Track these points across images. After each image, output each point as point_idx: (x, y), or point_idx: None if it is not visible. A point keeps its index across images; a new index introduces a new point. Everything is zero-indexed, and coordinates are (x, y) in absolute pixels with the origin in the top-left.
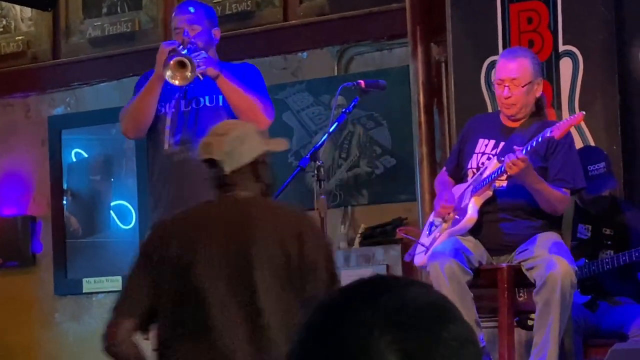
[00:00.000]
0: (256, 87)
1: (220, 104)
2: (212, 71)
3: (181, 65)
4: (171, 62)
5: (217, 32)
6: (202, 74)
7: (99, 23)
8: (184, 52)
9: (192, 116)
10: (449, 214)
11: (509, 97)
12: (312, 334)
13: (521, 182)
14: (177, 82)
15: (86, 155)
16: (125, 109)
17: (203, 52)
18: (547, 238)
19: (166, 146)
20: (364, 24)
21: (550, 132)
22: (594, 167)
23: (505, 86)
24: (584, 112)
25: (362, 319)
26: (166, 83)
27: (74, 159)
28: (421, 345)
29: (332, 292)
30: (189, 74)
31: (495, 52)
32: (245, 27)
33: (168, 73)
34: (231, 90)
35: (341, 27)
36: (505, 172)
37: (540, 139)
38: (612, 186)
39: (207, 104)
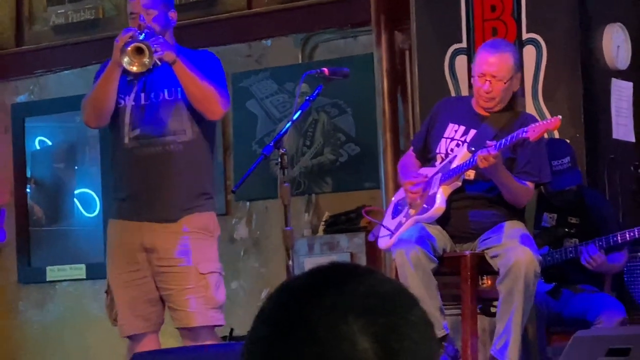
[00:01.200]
0: (214, 76)
1: (179, 96)
2: (169, 56)
3: (138, 51)
4: (128, 48)
5: (173, 15)
6: (159, 59)
7: (63, 11)
8: (142, 36)
9: (151, 110)
10: (418, 197)
11: (490, 91)
12: (282, 317)
13: (490, 175)
14: (134, 69)
15: (50, 143)
16: (85, 98)
17: (160, 37)
18: (511, 227)
19: (126, 140)
20: (328, 12)
21: (525, 133)
22: (559, 162)
23: (486, 80)
24: (560, 117)
25: (334, 304)
26: (125, 76)
27: (38, 147)
28: (392, 329)
29: (295, 276)
30: (147, 60)
31: (459, 41)
32: (210, 14)
33: (125, 60)
34: (187, 77)
35: (305, 14)
36: (475, 164)
37: (514, 139)
38: (577, 181)
39: (167, 97)
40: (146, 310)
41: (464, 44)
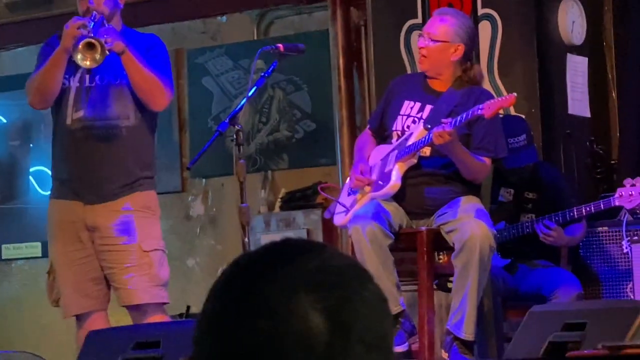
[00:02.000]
0: (159, 65)
1: (125, 82)
2: (118, 46)
3: (89, 46)
4: (79, 45)
5: None
6: (108, 49)
7: None
8: (91, 25)
9: (96, 92)
10: (363, 187)
11: (422, 47)
12: (233, 293)
13: (446, 152)
14: (87, 64)
15: (5, 121)
16: (30, 79)
17: (110, 27)
18: (467, 202)
19: (69, 121)
20: None
21: (480, 110)
22: (515, 139)
23: (423, 37)
24: (515, 94)
25: (285, 278)
26: (71, 56)
27: None
28: (344, 304)
29: (248, 252)
30: (99, 56)
31: (415, 16)
32: None
33: (79, 57)
34: (134, 68)
35: None
36: (431, 141)
37: (469, 116)
38: (533, 159)
39: (112, 81)
40: (91, 288)
41: (419, 20)
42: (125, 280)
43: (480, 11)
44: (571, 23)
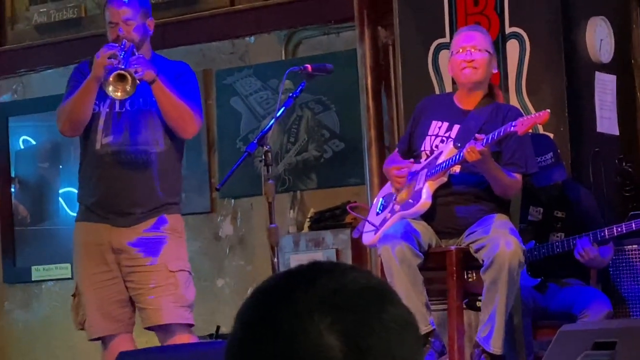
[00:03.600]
0: (189, 93)
1: (155, 107)
2: (148, 75)
3: (121, 78)
4: (110, 77)
5: (151, 23)
6: (139, 79)
7: (45, 9)
8: (122, 55)
9: (126, 118)
10: (402, 180)
11: (472, 60)
12: (252, 317)
13: (480, 169)
14: (119, 95)
15: (34, 143)
16: (61, 107)
17: (140, 56)
18: (496, 219)
19: (98, 146)
20: (311, 8)
21: (513, 127)
22: (542, 158)
23: (467, 50)
24: (548, 111)
25: (301, 301)
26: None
27: (22, 147)
28: (361, 327)
29: (271, 276)
30: (129, 87)
31: (442, 35)
32: (193, 12)
33: (110, 88)
34: (164, 97)
35: (288, 11)
36: (463, 159)
37: (502, 133)
38: (561, 177)
39: (142, 107)
40: (116, 311)
41: (447, 39)
42: (151, 300)
43: (508, 30)
44: (599, 41)
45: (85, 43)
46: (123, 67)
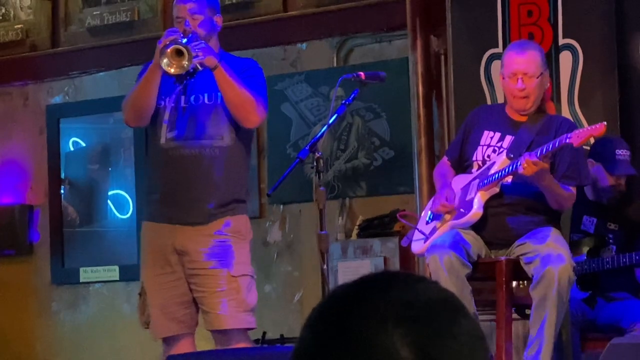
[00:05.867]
0: (254, 84)
1: (219, 101)
2: (210, 60)
3: (178, 53)
4: (168, 50)
5: (219, 20)
6: (200, 63)
7: (98, 12)
8: (184, 41)
9: (190, 112)
10: (447, 212)
11: (524, 89)
12: (324, 324)
13: (536, 181)
14: (172, 70)
15: (84, 145)
16: (126, 97)
17: (203, 42)
18: (547, 233)
19: (163, 140)
20: (364, 15)
21: (569, 138)
22: (622, 151)
23: (518, 78)
24: (605, 123)
25: (375, 311)
26: (168, 77)
27: (72, 148)
28: (434, 339)
29: (342, 284)
30: (186, 62)
31: (495, 45)
32: (245, 17)
33: (165, 61)
34: (226, 83)
35: (340, 18)
36: (516, 170)
37: (557, 144)
38: (634, 172)
39: (206, 101)
40: (179, 312)
41: (500, 49)
42: (214, 304)
43: (562, 41)
44: None
45: (138, 46)
46: (175, 42)
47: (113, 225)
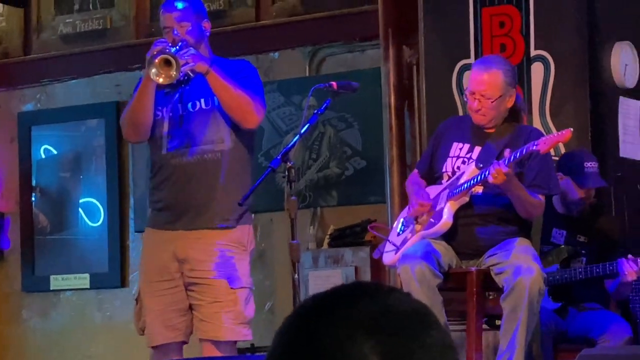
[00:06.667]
0: (249, 84)
1: (216, 105)
2: (201, 67)
3: (166, 63)
4: (156, 60)
5: (207, 25)
6: (191, 70)
7: (71, 20)
8: (173, 49)
9: (188, 120)
10: (424, 213)
11: (479, 109)
12: (295, 335)
13: (505, 190)
14: (161, 80)
15: (55, 152)
16: (123, 114)
17: (192, 49)
18: (519, 244)
19: (164, 151)
20: (336, 25)
21: (536, 146)
22: (590, 164)
23: (475, 99)
24: (571, 129)
25: (345, 322)
26: (163, 90)
27: (43, 156)
28: (404, 350)
29: (314, 295)
30: (174, 72)
31: (468, 56)
32: (218, 26)
33: (153, 71)
34: (221, 87)
35: (313, 27)
36: (485, 179)
37: (524, 152)
38: (604, 183)
39: (203, 106)
40: (175, 319)
41: (472, 60)
42: (212, 314)
43: (533, 52)
44: (624, 66)
45: (110, 54)
46: (169, 51)
47: (84, 233)
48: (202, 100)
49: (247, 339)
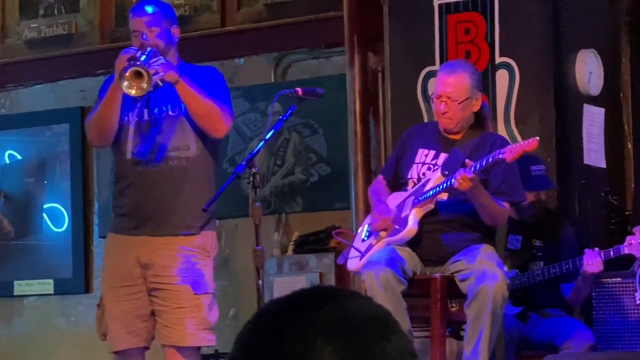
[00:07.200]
0: (217, 93)
1: (183, 112)
2: (170, 76)
3: (137, 75)
4: (127, 73)
5: (176, 31)
6: (161, 79)
7: (36, 25)
8: (143, 57)
9: (154, 125)
10: (385, 228)
11: (446, 112)
12: (255, 341)
13: (470, 196)
14: (133, 92)
15: (20, 157)
16: (89, 117)
17: (162, 57)
18: (483, 251)
19: (129, 156)
20: (302, 32)
21: (502, 154)
22: (537, 167)
23: (442, 102)
24: (537, 138)
25: (305, 328)
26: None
27: (8, 161)
28: (363, 356)
29: (274, 299)
30: (145, 84)
31: (432, 63)
32: (183, 32)
33: (125, 84)
34: (189, 96)
35: (279, 34)
36: (451, 186)
37: (490, 160)
38: (552, 185)
39: (170, 112)
40: (137, 325)
41: (437, 67)
42: (177, 321)
43: (498, 59)
44: (589, 74)
45: (75, 59)
46: (139, 63)
47: (48, 238)
48: (169, 106)
49: (211, 345)
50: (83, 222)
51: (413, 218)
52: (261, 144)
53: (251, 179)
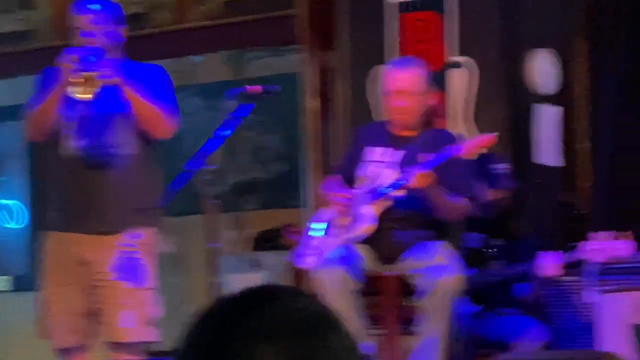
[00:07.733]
0: (161, 93)
1: (124, 110)
2: (115, 80)
3: (85, 79)
4: (75, 77)
5: (122, 29)
6: (105, 81)
7: None
8: (91, 58)
9: (94, 122)
10: (349, 206)
11: (404, 106)
12: (199, 341)
13: (426, 192)
14: (79, 97)
15: None
16: (29, 113)
17: (107, 60)
18: (436, 247)
19: (67, 150)
20: (258, 30)
21: (458, 150)
22: (501, 165)
23: (401, 97)
24: (496, 134)
25: (248, 328)
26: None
27: None
28: (307, 354)
29: (220, 298)
30: (91, 90)
31: (388, 61)
32: (138, 29)
33: (71, 88)
34: (134, 100)
35: (236, 32)
36: (407, 183)
37: (448, 155)
38: (516, 184)
39: (111, 109)
40: (79, 323)
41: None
42: (116, 316)
43: (454, 58)
44: (544, 72)
45: (32, 56)
46: (84, 68)
47: (5, 235)
48: (110, 103)
49: (153, 340)
50: (41, 221)
51: (370, 215)
52: (217, 141)
53: (207, 176)
